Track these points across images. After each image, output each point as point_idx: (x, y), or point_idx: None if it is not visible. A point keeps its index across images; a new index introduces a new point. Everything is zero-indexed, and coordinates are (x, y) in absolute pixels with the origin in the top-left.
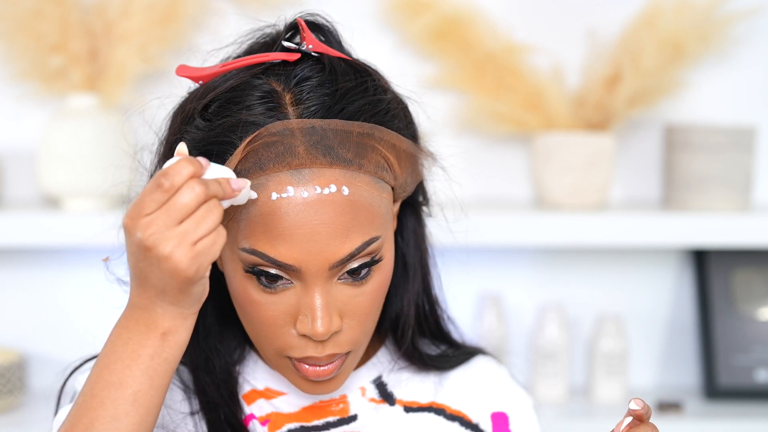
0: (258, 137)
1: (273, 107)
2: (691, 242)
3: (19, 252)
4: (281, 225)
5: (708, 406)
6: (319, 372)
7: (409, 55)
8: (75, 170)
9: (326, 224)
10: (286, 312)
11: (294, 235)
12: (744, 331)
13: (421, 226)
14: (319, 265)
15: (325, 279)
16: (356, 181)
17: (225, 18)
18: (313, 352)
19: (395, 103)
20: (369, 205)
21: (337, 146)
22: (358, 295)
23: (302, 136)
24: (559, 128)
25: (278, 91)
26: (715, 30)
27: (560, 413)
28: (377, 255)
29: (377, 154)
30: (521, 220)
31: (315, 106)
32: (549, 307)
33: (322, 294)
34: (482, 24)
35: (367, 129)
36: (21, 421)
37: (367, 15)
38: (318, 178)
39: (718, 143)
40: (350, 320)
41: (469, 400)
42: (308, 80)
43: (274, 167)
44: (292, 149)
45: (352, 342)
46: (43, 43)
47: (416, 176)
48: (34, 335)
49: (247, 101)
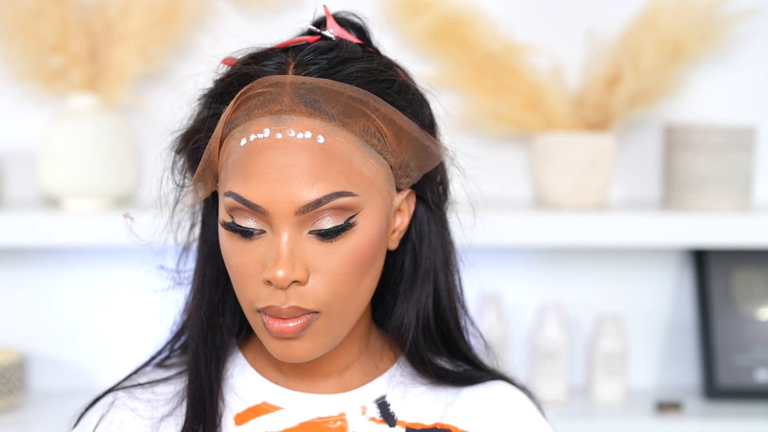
0: (251, 88)
1: (277, 68)
2: (691, 242)
3: (19, 252)
4: (253, 164)
5: (708, 406)
6: (282, 328)
7: (409, 55)
8: (75, 170)
9: (295, 166)
10: (257, 260)
11: (264, 174)
12: (744, 331)
13: (438, 227)
14: (285, 207)
15: (293, 226)
16: (335, 135)
17: (225, 18)
18: (275, 301)
19: (405, 84)
20: (347, 160)
21: (322, 101)
22: (328, 252)
23: (291, 89)
24: (559, 128)
25: (287, 60)
26: (715, 30)
27: (560, 413)
28: (352, 218)
29: (367, 120)
30: (521, 220)
31: (313, 67)
32: (549, 307)
33: (289, 241)
34: (482, 24)
35: (360, 95)
36: (21, 421)
37: (367, 15)
38: (296, 124)
39: (718, 143)
40: (318, 277)
41: (480, 422)
42: (315, 50)
43: (258, 113)
44: (277, 98)
45: (318, 301)
46: (43, 43)
47: (423, 164)
48: (34, 335)
49: (260, 63)
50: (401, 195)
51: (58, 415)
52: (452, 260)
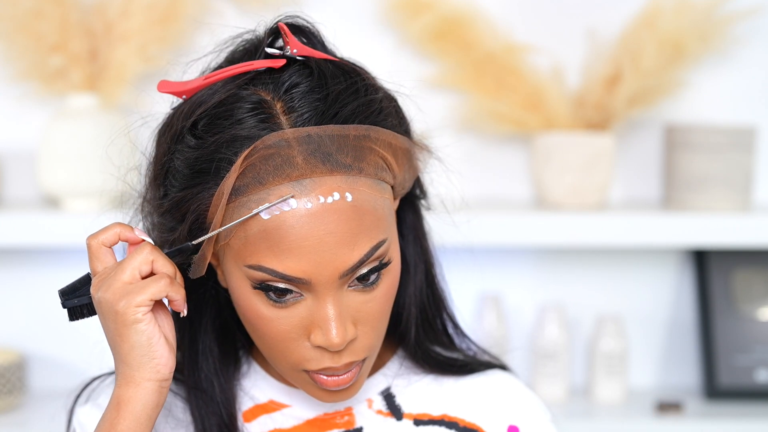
0: (254, 151)
1: (265, 118)
2: (691, 242)
3: (19, 252)
4: (287, 239)
5: (708, 406)
6: (338, 381)
7: (409, 55)
8: (75, 170)
9: (333, 233)
10: (298, 325)
11: (301, 247)
12: (744, 331)
13: (419, 220)
14: (329, 275)
15: (336, 288)
16: (358, 185)
17: (225, 18)
18: (330, 362)
19: (387, 100)
20: (373, 209)
21: (335, 152)
22: (370, 301)
23: (299, 145)
24: (559, 128)
25: (268, 101)
26: (715, 30)
27: (560, 413)
28: (385, 258)
29: (375, 156)
30: (521, 220)
31: (308, 113)
32: (549, 307)
33: (335, 304)
34: (482, 24)
35: (363, 131)
36: (21, 421)
37: (367, 15)
38: (320, 187)
39: (718, 143)
40: (364, 326)
41: (485, 413)
42: (297, 86)
43: (274, 180)
44: (290, 160)
45: (368, 348)
46: (43, 43)
47: (413, 171)
48: (34, 335)
49: (237, 115)
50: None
51: (58, 415)
52: (434, 250)
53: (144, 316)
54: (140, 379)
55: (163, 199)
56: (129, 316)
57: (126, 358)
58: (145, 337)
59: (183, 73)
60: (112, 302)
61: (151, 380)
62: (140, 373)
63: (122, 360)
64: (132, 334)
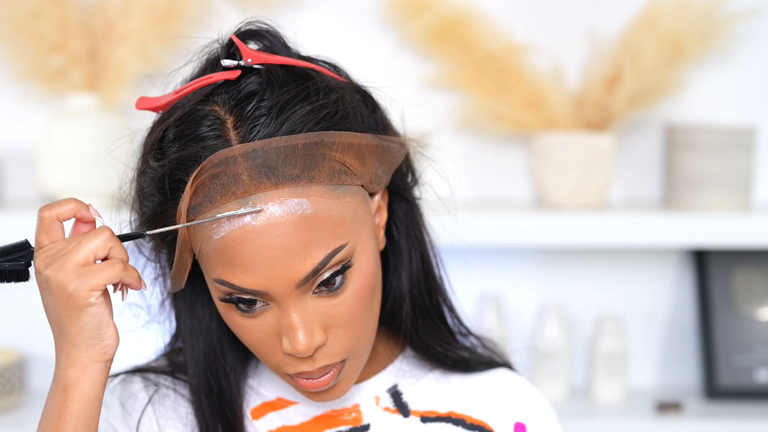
0: (203, 171)
1: (218, 135)
2: (691, 242)
3: None
4: (238, 255)
5: (708, 406)
6: (316, 384)
7: (409, 55)
8: (75, 170)
9: (281, 247)
10: (269, 332)
11: (253, 262)
12: (744, 331)
13: (412, 209)
14: (284, 286)
15: (297, 296)
16: (309, 195)
17: (225, 18)
18: (304, 367)
19: (346, 100)
20: (327, 216)
21: (281, 165)
22: (338, 305)
23: (245, 161)
24: (559, 128)
25: (221, 117)
26: (715, 30)
27: (560, 413)
28: (348, 261)
29: (330, 161)
30: (521, 220)
31: (256, 127)
32: (549, 307)
33: (298, 311)
34: (482, 24)
35: (314, 138)
36: (21, 421)
37: (367, 15)
38: (265, 202)
39: (718, 143)
40: (336, 330)
41: (492, 410)
42: (248, 99)
43: (222, 198)
44: (236, 177)
45: (344, 350)
46: (43, 43)
47: (389, 165)
48: (34, 335)
49: (195, 132)
50: (375, 197)
51: None
52: (429, 239)
53: (97, 300)
54: (87, 361)
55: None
56: (82, 299)
57: (74, 339)
58: (96, 321)
59: (166, 85)
60: (63, 283)
61: (98, 361)
62: (87, 355)
63: (68, 341)
64: (83, 316)
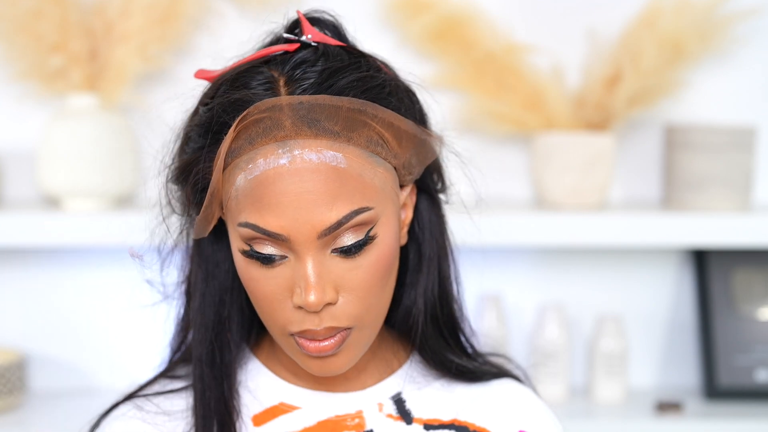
0: (248, 115)
1: (268, 88)
2: (691, 242)
3: (19, 252)
4: (267, 194)
5: (708, 406)
6: (319, 348)
7: (409, 55)
8: (75, 170)
9: (311, 192)
10: (283, 286)
11: (280, 203)
12: (744, 331)
13: (438, 215)
14: (306, 233)
15: (317, 249)
16: (344, 151)
17: (225, 18)
18: (310, 324)
19: (393, 83)
20: (359, 175)
21: (324, 119)
22: (354, 269)
23: (290, 111)
24: (559, 128)
25: (274, 77)
26: (715, 30)
27: (560, 413)
28: (371, 231)
29: (370, 130)
30: (521, 220)
31: (306, 83)
32: (549, 307)
33: (314, 264)
34: (482, 24)
35: (358, 105)
36: (21, 421)
37: (367, 15)
38: (303, 148)
39: (718, 143)
40: (348, 294)
41: (495, 418)
42: (302, 64)
43: (262, 141)
44: (279, 123)
45: (352, 317)
46: (43, 43)
47: (423, 158)
48: (34, 335)
49: (246, 83)
50: (405, 191)
51: (58, 416)
52: (451, 248)
53: None
54: None
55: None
56: None
57: None
58: None
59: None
60: None
61: None
62: None
63: None
64: None
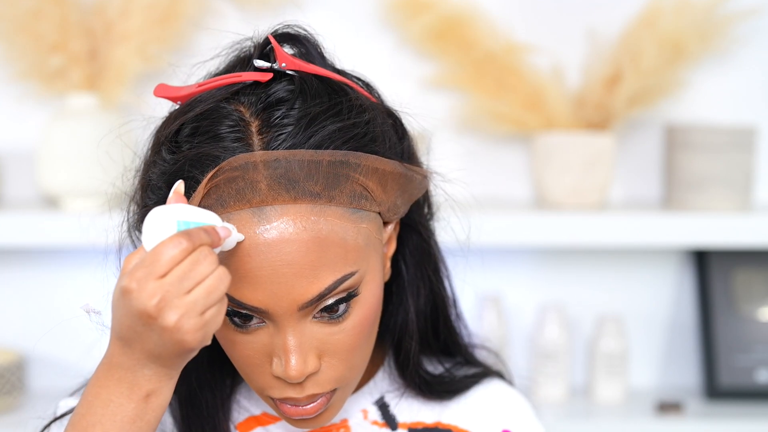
0: (219, 172)
1: (239, 138)
2: (692, 242)
3: (18, 252)
4: (243, 267)
5: (708, 406)
6: (301, 411)
7: (409, 55)
8: (75, 170)
9: (290, 265)
10: (261, 351)
11: (257, 277)
12: (744, 331)
13: (426, 244)
14: (286, 307)
15: (297, 319)
16: (326, 215)
17: (225, 18)
18: (292, 393)
19: (377, 123)
20: (341, 240)
21: (303, 179)
22: (337, 333)
23: (265, 169)
24: (559, 128)
25: (245, 119)
26: (715, 30)
27: (560, 413)
28: (354, 290)
29: (352, 183)
30: (521, 220)
31: (282, 135)
32: (549, 307)
33: (295, 334)
34: (482, 24)
35: (339, 157)
36: (21, 421)
37: (367, 15)
38: (280, 216)
39: (718, 143)
40: (331, 359)
41: (478, 419)
42: (277, 104)
43: (235, 205)
44: (253, 185)
45: (335, 380)
46: (43, 43)
47: (409, 196)
48: (34, 335)
49: (214, 130)
50: (389, 227)
51: None
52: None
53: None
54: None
55: (143, 209)
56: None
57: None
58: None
59: (188, 76)
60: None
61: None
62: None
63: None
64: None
